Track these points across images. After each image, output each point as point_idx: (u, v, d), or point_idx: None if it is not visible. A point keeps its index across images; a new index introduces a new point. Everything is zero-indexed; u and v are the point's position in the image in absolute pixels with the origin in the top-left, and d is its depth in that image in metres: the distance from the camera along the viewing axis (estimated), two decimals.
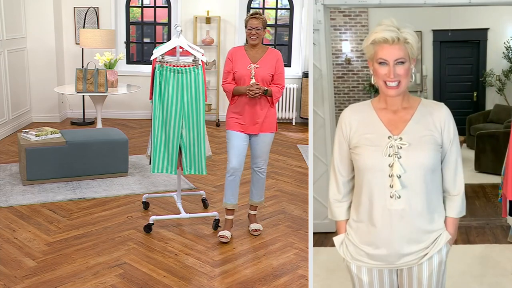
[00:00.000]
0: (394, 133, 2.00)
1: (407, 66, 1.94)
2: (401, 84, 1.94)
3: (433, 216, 2.03)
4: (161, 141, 4.09)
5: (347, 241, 2.14)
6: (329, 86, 3.44)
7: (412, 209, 1.98)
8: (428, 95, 7.48)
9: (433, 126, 2.00)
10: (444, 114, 2.03)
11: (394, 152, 1.97)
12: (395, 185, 1.96)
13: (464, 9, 6.35)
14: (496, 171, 5.28)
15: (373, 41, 1.94)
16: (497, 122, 6.70)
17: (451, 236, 2.07)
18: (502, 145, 5.42)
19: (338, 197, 2.16)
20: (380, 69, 1.95)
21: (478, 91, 7.49)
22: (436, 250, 2.04)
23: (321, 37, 3.31)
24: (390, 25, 1.93)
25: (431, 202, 2.01)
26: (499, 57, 7.14)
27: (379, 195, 2.00)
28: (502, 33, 7.12)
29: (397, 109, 2.02)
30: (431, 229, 2.03)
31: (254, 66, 3.91)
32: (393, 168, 1.96)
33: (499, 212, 4.31)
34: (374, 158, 1.99)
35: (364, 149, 2.02)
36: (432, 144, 1.98)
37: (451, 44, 7.35)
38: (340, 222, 2.19)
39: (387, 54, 1.92)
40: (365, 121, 2.06)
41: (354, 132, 2.06)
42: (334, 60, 7.17)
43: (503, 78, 7.15)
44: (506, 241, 3.98)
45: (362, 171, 2.03)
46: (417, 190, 1.97)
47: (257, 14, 3.91)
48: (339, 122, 2.12)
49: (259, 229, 4.21)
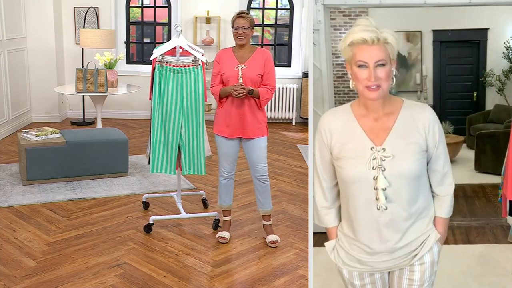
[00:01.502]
0: (376, 143, 1.92)
1: (388, 68, 1.84)
2: (381, 87, 1.84)
3: (422, 220, 1.99)
4: (160, 141, 4.09)
5: (338, 247, 2.11)
6: (329, 86, 3.44)
7: (400, 218, 1.94)
8: (428, 95, 7.48)
9: (417, 132, 1.91)
10: (427, 117, 1.92)
11: (377, 164, 1.90)
12: (380, 198, 1.90)
13: (464, 9, 6.34)
14: (496, 171, 5.27)
15: (351, 43, 1.84)
16: (497, 122, 6.70)
17: (440, 235, 2.04)
18: (502, 145, 5.41)
19: (326, 204, 2.11)
20: (359, 73, 1.84)
21: (478, 91, 7.48)
22: (427, 250, 2.00)
23: (321, 37, 3.31)
24: (369, 25, 1.83)
25: (419, 207, 1.97)
26: (499, 57, 7.14)
27: (365, 208, 1.95)
28: (502, 33, 7.12)
29: (378, 116, 1.93)
30: (421, 232, 1.99)
31: (242, 67, 3.81)
32: (377, 182, 1.90)
33: (499, 212, 4.31)
34: (358, 171, 1.92)
35: (346, 162, 1.94)
36: (417, 153, 1.91)
37: (451, 44, 7.35)
38: (330, 229, 2.14)
39: (367, 56, 1.82)
40: (345, 130, 1.97)
41: (335, 141, 1.98)
42: (334, 60, 7.16)
43: (503, 78, 7.15)
44: (506, 241, 3.98)
45: (346, 184, 1.98)
46: (404, 199, 1.92)
47: (244, 14, 3.84)
48: (318, 128, 2.03)
49: (276, 240, 4.01)
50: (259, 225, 4.34)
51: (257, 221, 4.43)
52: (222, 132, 3.92)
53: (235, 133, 3.90)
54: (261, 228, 4.25)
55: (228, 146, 3.94)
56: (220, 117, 3.93)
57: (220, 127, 3.92)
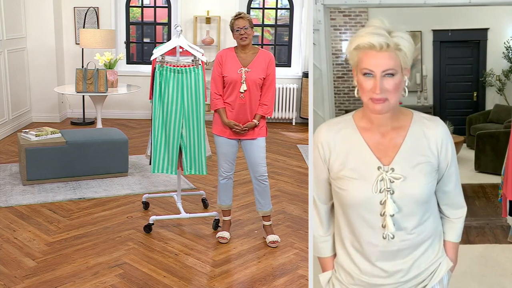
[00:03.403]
0: (384, 162, 1.66)
1: (398, 79, 1.59)
2: (388, 101, 1.59)
3: (433, 248, 1.76)
4: (161, 141, 4.09)
5: (334, 279, 1.85)
6: (329, 86, 3.43)
7: (409, 247, 1.70)
8: (428, 95, 7.48)
9: (428, 150, 1.68)
10: (440, 134, 1.69)
11: (385, 187, 1.65)
12: (388, 226, 1.65)
13: (464, 9, 6.35)
14: (496, 171, 5.28)
15: (357, 46, 1.60)
16: (497, 122, 6.70)
17: (452, 263, 1.82)
18: (502, 145, 5.41)
19: (321, 231, 1.85)
20: (364, 82, 1.60)
21: (478, 91, 7.49)
22: (437, 281, 1.76)
23: (321, 37, 3.31)
24: (379, 27, 1.59)
25: (428, 233, 1.74)
26: (499, 57, 7.15)
27: (368, 236, 1.70)
28: (502, 33, 7.13)
29: (385, 130, 1.68)
30: (431, 261, 1.76)
31: (245, 70, 3.80)
32: (385, 207, 1.64)
33: (499, 212, 4.31)
34: (362, 195, 1.66)
35: (348, 183, 1.68)
36: (429, 173, 1.68)
37: (451, 44, 7.35)
38: (326, 259, 1.88)
39: (373, 64, 1.57)
40: (347, 145, 1.70)
41: (335, 158, 1.72)
42: (334, 60, 7.17)
43: (503, 78, 7.16)
44: (506, 241, 3.98)
45: (346, 208, 1.72)
46: (413, 226, 1.68)
47: (241, 14, 3.82)
48: (315, 143, 1.77)
49: (276, 240, 3.99)
50: (259, 225, 4.34)
51: (257, 221, 4.43)
52: (221, 132, 3.92)
53: (235, 134, 3.91)
54: (261, 228, 4.25)
55: (227, 146, 3.94)
56: (219, 117, 3.93)
57: (220, 127, 3.92)
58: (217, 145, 3.98)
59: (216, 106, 3.89)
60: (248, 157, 3.97)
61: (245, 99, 3.83)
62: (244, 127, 3.84)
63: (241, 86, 3.80)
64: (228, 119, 3.87)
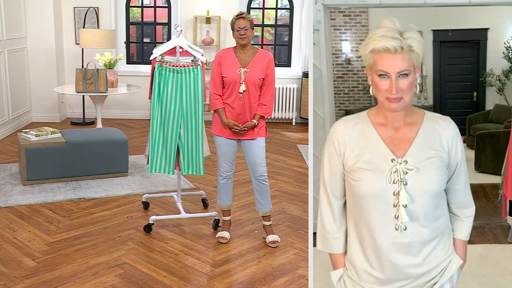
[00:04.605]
0: (397, 154, 1.74)
1: (412, 78, 1.69)
2: (403, 99, 1.69)
3: (444, 244, 1.82)
4: (159, 141, 4.09)
5: (345, 276, 1.88)
6: (329, 86, 3.43)
7: (421, 240, 1.75)
8: (428, 95, 7.48)
9: (440, 146, 1.76)
10: (451, 132, 1.78)
11: (399, 178, 1.72)
12: (402, 216, 1.71)
13: (464, 9, 6.34)
14: (496, 171, 5.28)
15: (372, 50, 1.69)
16: (497, 122, 6.70)
17: (462, 260, 1.86)
18: (502, 145, 5.41)
19: (335, 227, 1.88)
20: (380, 83, 1.69)
21: (478, 91, 7.49)
22: (447, 278, 1.80)
23: (321, 37, 3.30)
24: (392, 29, 1.68)
25: (439, 229, 1.79)
26: (499, 57, 7.14)
27: (381, 228, 1.75)
28: (502, 33, 7.12)
29: (399, 125, 1.77)
30: (442, 257, 1.81)
31: (244, 70, 3.81)
32: (398, 197, 1.71)
33: (499, 212, 4.31)
34: (376, 185, 1.73)
35: (363, 174, 1.75)
36: (440, 167, 1.75)
37: (451, 44, 7.35)
38: (338, 255, 1.92)
39: (389, 66, 1.66)
40: (362, 139, 1.78)
41: (350, 151, 1.79)
42: (334, 60, 7.16)
43: (503, 78, 7.15)
44: (506, 241, 3.98)
45: (360, 199, 1.77)
46: (425, 219, 1.74)
47: (243, 14, 3.83)
48: (330, 138, 1.84)
49: (276, 240, 4.00)
50: (259, 225, 4.34)
51: (257, 221, 4.43)
52: (221, 133, 3.92)
53: (234, 134, 3.90)
54: (261, 228, 4.25)
55: (226, 146, 3.94)
56: (218, 117, 3.93)
57: (219, 127, 3.93)
58: (216, 145, 3.98)
59: (216, 106, 3.90)
60: (248, 157, 3.97)
61: (245, 99, 3.83)
62: (244, 127, 3.84)
63: (240, 86, 3.80)
64: (227, 119, 3.87)
